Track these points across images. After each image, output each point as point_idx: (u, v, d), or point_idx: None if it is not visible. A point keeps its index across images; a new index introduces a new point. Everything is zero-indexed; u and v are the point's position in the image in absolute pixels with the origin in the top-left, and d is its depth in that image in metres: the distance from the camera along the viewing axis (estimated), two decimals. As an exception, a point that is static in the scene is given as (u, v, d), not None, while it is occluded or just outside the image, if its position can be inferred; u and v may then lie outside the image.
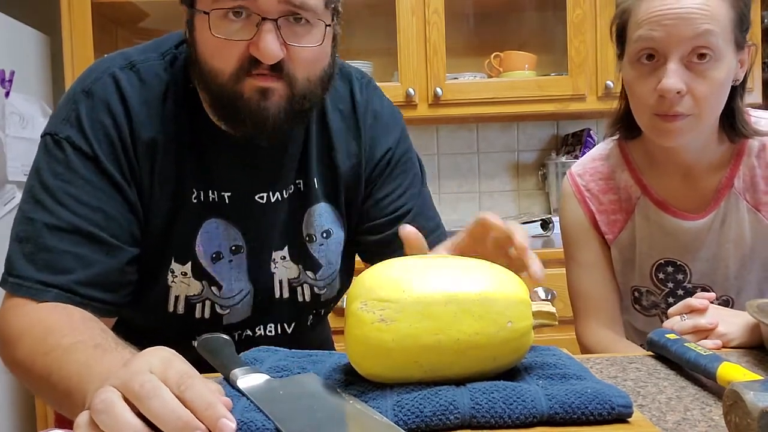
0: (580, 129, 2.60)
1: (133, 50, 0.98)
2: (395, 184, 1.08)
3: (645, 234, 1.20)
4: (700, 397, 0.77)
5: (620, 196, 1.22)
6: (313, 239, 1.04)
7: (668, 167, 1.18)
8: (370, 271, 0.73)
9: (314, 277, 1.06)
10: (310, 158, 1.02)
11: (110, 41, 2.49)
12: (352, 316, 0.70)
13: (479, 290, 0.70)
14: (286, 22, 0.85)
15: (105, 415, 0.55)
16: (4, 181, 2.14)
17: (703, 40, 1.02)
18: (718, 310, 1.01)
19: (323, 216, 1.04)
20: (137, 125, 0.91)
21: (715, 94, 1.05)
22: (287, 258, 1.03)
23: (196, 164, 0.95)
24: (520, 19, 2.63)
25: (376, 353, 0.69)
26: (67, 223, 0.87)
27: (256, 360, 0.82)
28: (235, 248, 0.99)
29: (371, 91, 1.09)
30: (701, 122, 1.06)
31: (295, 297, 1.05)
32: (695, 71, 1.03)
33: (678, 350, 0.86)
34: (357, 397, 0.69)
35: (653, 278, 1.21)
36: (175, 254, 0.97)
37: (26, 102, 2.26)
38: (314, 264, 1.05)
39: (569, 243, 1.28)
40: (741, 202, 1.14)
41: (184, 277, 0.97)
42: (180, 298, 0.99)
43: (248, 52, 0.85)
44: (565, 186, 1.28)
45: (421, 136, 2.63)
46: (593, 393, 0.65)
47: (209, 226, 0.97)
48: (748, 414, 0.59)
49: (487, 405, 0.64)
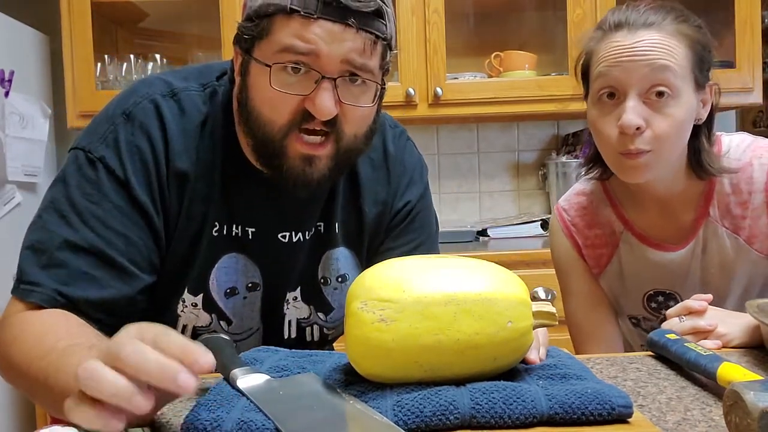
0: (580, 129, 2.60)
1: (174, 76, 0.97)
2: (409, 238, 1.08)
3: (631, 266, 1.22)
4: (701, 397, 0.77)
5: (604, 230, 1.24)
6: (327, 282, 1.04)
7: (645, 202, 1.20)
8: (370, 271, 0.73)
9: (325, 318, 1.06)
10: (336, 203, 1.02)
11: (110, 41, 2.49)
12: (352, 316, 0.70)
13: (479, 290, 0.70)
14: (343, 82, 0.85)
15: (91, 380, 0.56)
16: (3, 181, 2.14)
17: (660, 78, 1.03)
18: (716, 311, 1.01)
19: (341, 260, 1.05)
20: (173, 155, 0.91)
21: (675, 131, 1.06)
22: (299, 298, 1.03)
23: (223, 198, 0.95)
24: (520, 18, 2.63)
25: (376, 353, 0.69)
26: (89, 244, 0.86)
27: (256, 360, 0.82)
28: (251, 285, 0.99)
29: (404, 143, 1.10)
30: (662, 159, 1.07)
31: (303, 337, 1.05)
32: (654, 108, 1.05)
33: (678, 350, 0.86)
34: (357, 397, 0.69)
35: (646, 307, 1.23)
36: (189, 284, 0.96)
37: (26, 102, 2.26)
38: (326, 306, 1.05)
39: (561, 275, 1.30)
40: (719, 229, 1.15)
41: (194, 308, 0.97)
42: (188, 328, 0.99)
43: (302, 106, 0.85)
44: (552, 220, 1.31)
45: (421, 136, 2.63)
46: (593, 393, 0.65)
47: (228, 261, 0.97)
48: (749, 414, 0.59)
49: (487, 405, 0.64)
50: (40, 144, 2.31)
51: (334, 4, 0.81)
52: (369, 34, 0.84)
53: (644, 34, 1.05)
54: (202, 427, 0.63)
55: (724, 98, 1.15)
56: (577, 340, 1.28)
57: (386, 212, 1.06)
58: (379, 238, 1.07)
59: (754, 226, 1.13)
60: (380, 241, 1.08)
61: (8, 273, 2.02)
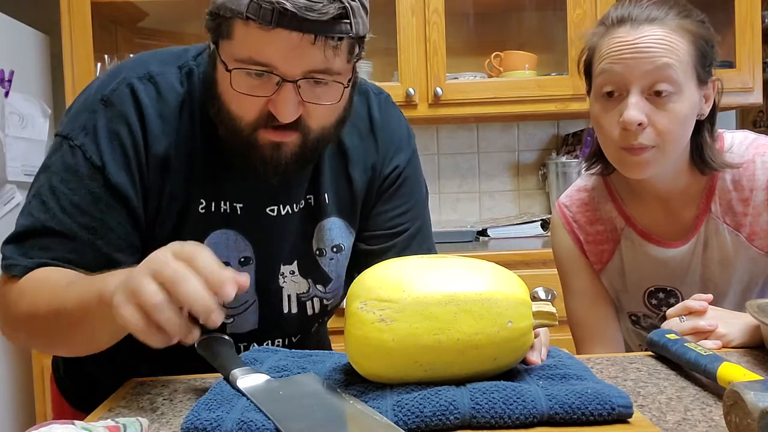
0: (580, 129, 2.60)
1: (152, 59, 0.98)
2: (399, 202, 1.09)
3: (633, 263, 1.22)
4: (701, 397, 0.77)
5: (606, 226, 1.24)
6: (323, 253, 1.05)
7: (647, 198, 1.20)
8: (370, 271, 0.73)
9: (324, 290, 1.06)
10: (323, 175, 1.03)
11: (110, 41, 2.49)
12: (352, 316, 0.70)
13: (479, 290, 0.70)
14: (306, 83, 0.85)
15: (178, 281, 0.69)
16: (3, 181, 2.14)
17: (662, 74, 1.03)
18: (717, 311, 1.01)
19: (333, 230, 1.05)
20: (152, 138, 0.93)
21: (677, 127, 1.06)
22: (296, 273, 1.04)
23: (206, 175, 0.96)
24: (520, 18, 2.63)
25: (376, 353, 0.69)
26: (67, 229, 0.90)
27: (256, 360, 0.82)
28: (244, 260, 1.00)
29: (389, 109, 1.10)
30: (665, 155, 1.07)
31: (304, 311, 1.06)
32: (656, 104, 1.05)
33: (678, 350, 0.86)
34: (357, 397, 0.69)
35: (647, 304, 1.23)
36: None
37: (26, 102, 2.26)
38: (324, 278, 1.06)
39: (563, 272, 1.30)
40: (721, 225, 1.15)
41: None
42: None
43: (267, 108, 0.86)
44: (554, 217, 1.31)
45: (421, 136, 2.61)
46: (593, 393, 0.65)
47: (218, 236, 0.98)
48: (749, 414, 0.59)
49: (487, 405, 0.64)
50: (40, 144, 2.31)
51: (290, 15, 0.79)
52: (331, 39, 0.83)
53: (647, 30, 1.05)
54: (202, 427, 0.63)
55: (724, 98, 1.15)
56: (578, 337, 1.28)
57: (375, 177, 1.07)
58: (369, 204, 1.08)
59: (755, 224, 1.13)
60: (371, 206, 1.08)
61: (8, 273, 2.03)
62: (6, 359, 2.14)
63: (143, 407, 0.78)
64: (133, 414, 0.75)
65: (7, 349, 2.15)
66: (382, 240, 1.08)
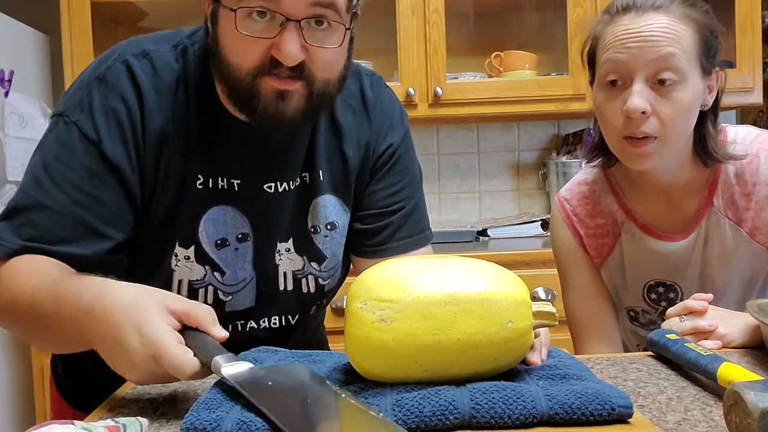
0: (580, 129, 2.60)
1: (145, 39, 0.99)
2: (393, 180, 1.09)
3: (633, 256, 1.22)
4: (701, 397, 0.77)
5: (607, 220, 1.24)
6: (318, 230, 1.05)
7: (648, 190, 1.19)
8: (370, 271, 0.73)
9: (319, 268, 1.06)
10: (317, 152, 1.03)
11: (110, 41, 2.48)
12: (352, 316, 0.70)
13: (479, 290, 0.70)
14: (308, 25, 0.87)
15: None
16: (3, 181, 2.14)
17: (666, 63, 1.03)
18: (717, 311, 1.01)
19: (328, 208, 1.05)
20: (148, 113, 0.93)
21: (681, 117, 1.06)
22: (291, 250, 1.04)
23: (203, 151, 0.96)
24: (520, 18, 2.63)
25: (376, 353, 0.69)
26: (60, 205, 0.89)
27: (255, 360, 0.82)
28: (241, 236, 1.00)
29: (381, 88, 1.11)
30: (668, 145, 1.07)
31: (299, 288, 1.06)
32: (660, 93, 1.04)
33: (678, 350, 0.86)
34: (356, 395, 0.69)
35: (646, 299, 1.23)
36: (179, 238, 0.97)
37: (26, 102, 2.26)
38: (319, 256, 1.06)
39: (561, 267, 1.29)
40: (722, 220, 1.15)
41: (187, 261, 0.98)
42: (183, 283, 0.99)
43: (269, 53, 0.87)
44: (554, 210, 1.30)
45: (421, 136, 2.62)
46: (593, 393, 0.65)
47: (216, 213, 0.98)
48: (749, 414, 0.59)
49: (487, 405, 0.64)
50: (40, 144, 2.31)
51: None
52: None
53: (652, 18, 1.04)
54: (202, 427, 0.63)
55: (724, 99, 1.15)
56: (576, 333, 1.28)
57: (369, 155, 1.07)
58: (363, 182, 1.08)
59: (757, 219, 1.13)
60: (365, 185, 1.08)
61: (8, 273, 2.03)
62: (6, 359, 2.14)
63: (143, 407, 0.77)
64: (133, 414, 0.75)
65: (7, 349, 2.15)
66: (377, 219, 1.08)
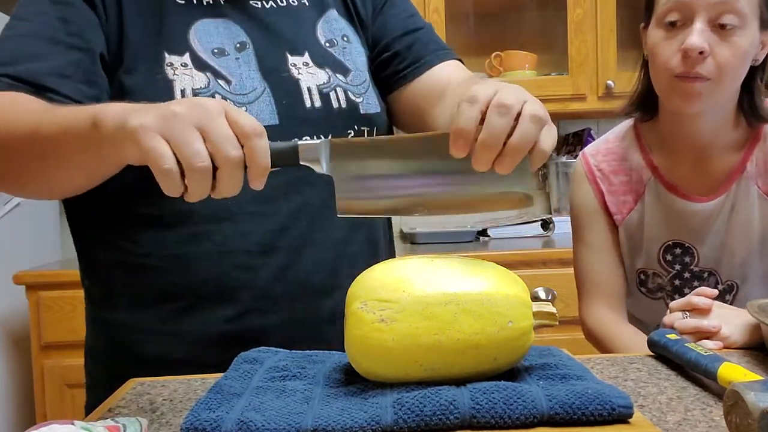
0: (580, 129, 2.60)
1: None
2: (400, 8, 1.10)
3: (654, 216, 1.21)
4: (701, 397, 0.77)
5: (631, 177, 1.23)
6: (334, 44, 1.03)
7: (681, 149, 1.19)
8: (370, 271, 0.73)
9: (345, 80, 1.02)
10: None
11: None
12: (352, 316, 0.70)
13: (479, 290, 0.70)
14: None
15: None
16: (3, 180, 2.14)
17: (730, 6, 1.03)
18: (720, 308, 1.00)
19: (339, 21, 1.04)
20: None
21: (737, 62, 1.06)
22: (311, 64, 1.00)
23: None
24: (520, 18, 2.63)
25: (376, 353, 0.69)
26: (27, 30, 0.89)
27: (255, 360, 0.82)
28: (239, 45, 0.97)
29: None
30: (719, 89, 1.07)
31: (329, 104, 1.00)
32: (720, 35, 1.04)
33: (679, 350, 0.86)
34: (357, 396, 0.69)
35: (661, 260, 1.22)
36: (167, 48, 0.94)
37: (26, 102, 2.25)
38: (342, 67, 1.03)
39: (578, 224, 1.29)
40: (752, 188, 1.15)
41: (185, 68, 0.94)
42: (186, 93, 0.93)
43: None
44: (577, 167, 1.30)
45: (421, 136, 2.62)
46: (594, 393, 0.65)
47: (205, 24, 0.96)
48: (749, 414, 0.59)
49: (487, 405, 0.64)
50: (40, 144, 2.30)
51: None
52: None
53: None
54: (202, 428, 0.63)
55: None
56: (584, 290, 1.28)
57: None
58: (367, 12, 1.09)
59: None
60: (371, 17, 1.09)
61: (8, 273, 2.03)
62: (6, 359, 2.14)
63: (143, 407, 0.77)
64: (133, 414, 0.75)
65: (7, 349, 2.15)
66: (402, 40, 1.08)
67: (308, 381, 0.75)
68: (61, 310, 2.03)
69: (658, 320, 1.21)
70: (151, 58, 0.94)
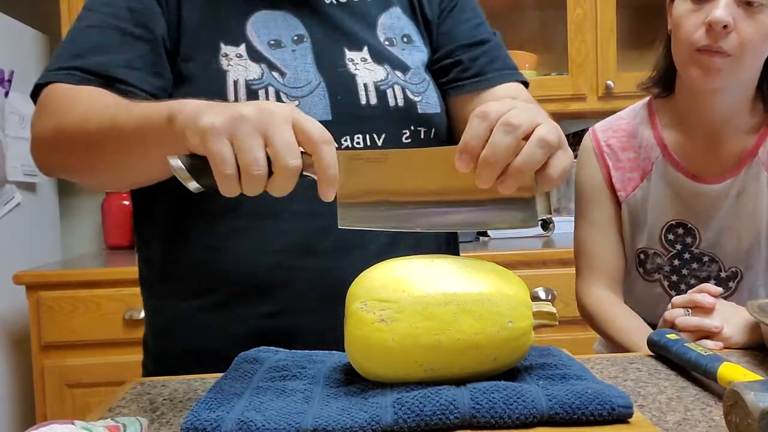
0: (580, 129, 2.60)
1: None
2: (468, 15, 1.10)
3: (659, 195, 1.21)
4: (701, 397, 0.77)
5: (639, 154, 1.23)
6: (393, 43, 1.02)
7: (694, 128, 1.18)
8: (370, 271, 0.73)
9: (404, 77, 1.01)
10: None
11: (110, 41, 2.48)
12: (352, 316, 0.70)
13: (479, 290, 0.70)
14: None
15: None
16: (3, 181, 2.14)
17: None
18: (722, 306, 1.00)
19: (402, 19, 1.03)
20: None
21: (760, 39, 1.06)
22: (369, 60, 0.99)
23: None
24: (520, 18, 2.63)
25: (376, 353, 0.69)
26: (95, 21, 0.91)
27: (256, 360, 0.82)
28: (297, 38, 0.96)
29: None
30: (739, 67, 1.07)
31: (385, 101, 0.98)
32: (746, 11, 1.04)
33: (679, 350, 0.86)
34: (357, 396, 0.69)
35: (662, 239, 1.22)
36: (224, 38, 0.95)
37: (26, 102, 2.25)
38: (402, 65, 1.01)
39: (581, 200, 1.29)
40: (762, 174, 1.14)
41: (240, 59, 0.94)
42: (239, 84, 0.93)
43: None
44: (585, 141, 1.29)
45: (421, 136, 2.62)
46: (593, 393, 0.65)
47: (263, 16, 0.96)
48: (749, 414, 0.59)
49: (487, 405, 0.64)
50: (40, 144, 2.31)
51: None
52: None
53: None
54: (202, 428, 0.63)
55: None
56: (582, 266, 1.28)
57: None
58: (434, 13, 1.07)
59: None
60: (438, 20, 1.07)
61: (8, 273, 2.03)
62: (6, 359, 2.14)
63: (143, 407, 0.78)
64: (133, 414, 0.75)
65: (7, 349, 2.15)
66: (467, 50, 1.06)
67: (308, 381, 0.75)
68: (61, 310, 2.03)
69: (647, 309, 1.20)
70: (208, 48, 0.94)
